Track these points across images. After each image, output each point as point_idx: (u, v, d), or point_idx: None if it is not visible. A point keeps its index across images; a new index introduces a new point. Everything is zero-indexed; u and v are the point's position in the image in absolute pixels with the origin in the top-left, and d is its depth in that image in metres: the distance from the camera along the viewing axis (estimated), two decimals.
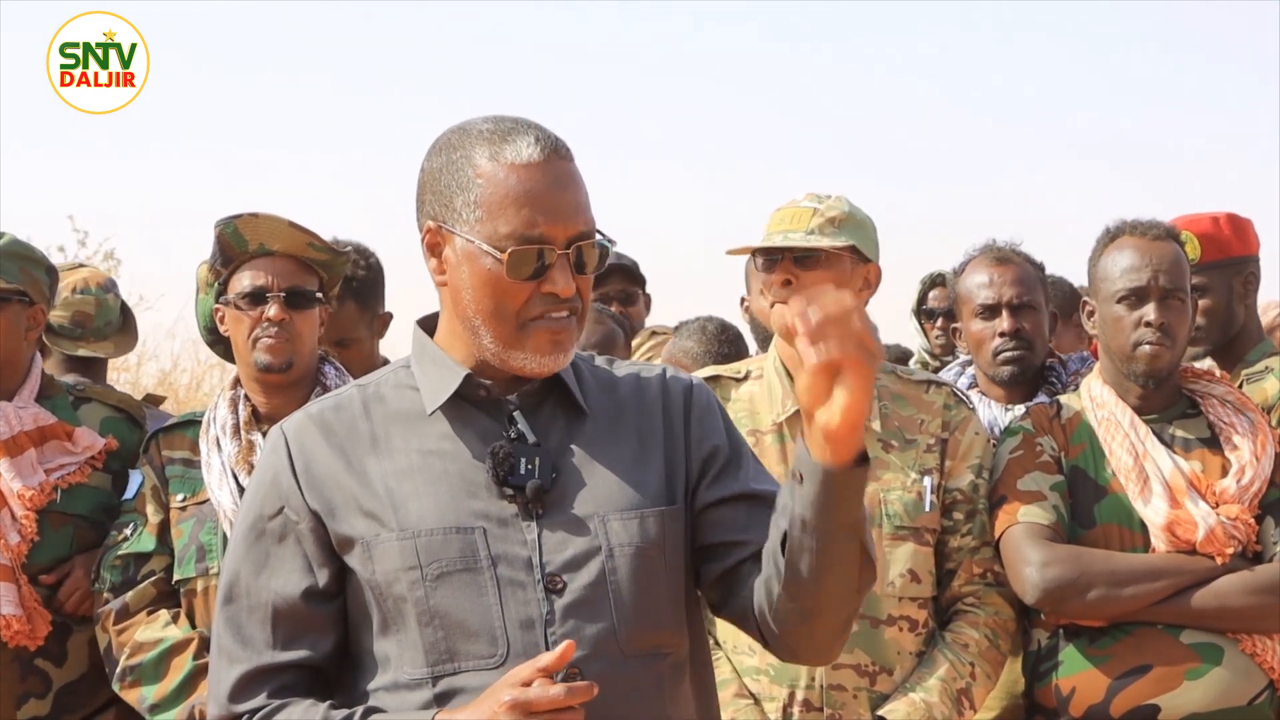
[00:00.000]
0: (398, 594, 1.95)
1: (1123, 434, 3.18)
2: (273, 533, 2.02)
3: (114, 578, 3.24)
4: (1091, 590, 3.04)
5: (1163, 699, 3.02)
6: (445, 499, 1.97)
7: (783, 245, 3.09)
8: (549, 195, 1.97)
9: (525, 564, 1.95)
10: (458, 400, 2.03)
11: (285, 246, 3.18)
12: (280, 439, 2.05)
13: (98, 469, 3.47)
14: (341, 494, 1.99)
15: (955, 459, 3.15)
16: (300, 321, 3.19)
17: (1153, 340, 3.15)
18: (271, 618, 2.01)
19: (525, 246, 1.95)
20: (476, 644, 1.93)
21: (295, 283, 3.18)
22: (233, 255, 3.20)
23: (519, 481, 1.97)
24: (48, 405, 3.49)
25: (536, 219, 1.96)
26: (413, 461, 2.00)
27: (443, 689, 1.93)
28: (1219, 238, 3.75)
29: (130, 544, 3.26)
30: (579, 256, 1.98)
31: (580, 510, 1.98)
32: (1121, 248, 3.22)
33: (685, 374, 2.18)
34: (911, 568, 3.07)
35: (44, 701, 3.36)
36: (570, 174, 2.00)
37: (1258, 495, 3.12)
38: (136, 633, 3.17)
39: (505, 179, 1.97)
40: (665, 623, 2.01)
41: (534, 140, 1.99)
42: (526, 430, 2.00)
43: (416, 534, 1.95)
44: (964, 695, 3.04)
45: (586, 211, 2.00)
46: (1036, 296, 3.78)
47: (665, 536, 2.01)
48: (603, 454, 2.03)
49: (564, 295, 1.96)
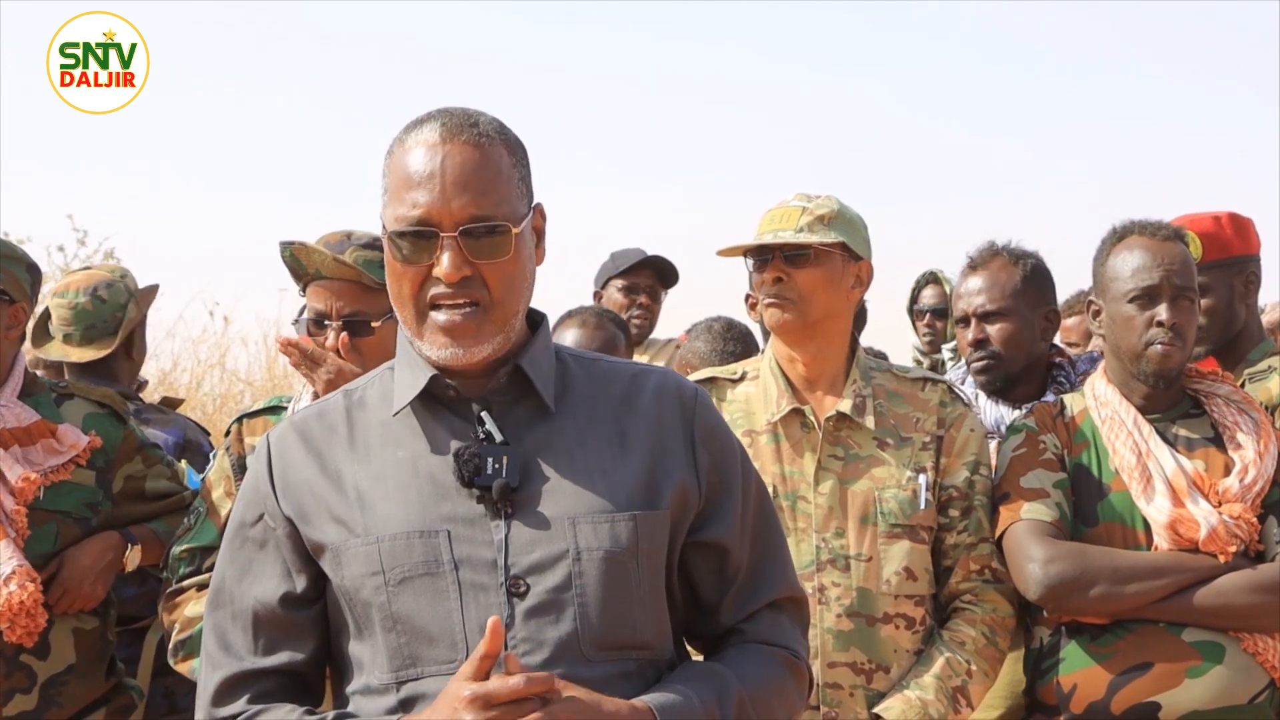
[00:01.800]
0: (364, 599, 1.95)
1: (1126, 432, 3.18)
2: (254, 539, 2.03)
3: (182, 569, 3.23)
4: (1094, 587, 3.04)
5: (1164, 696, 3.02)
6: (413, 503, 1.96)
7: (773, 243, 3.11)
8: (436, 177, 1.92)
9: (490, 566, 1.92)
10: (430, 401, 2.01)
11: (336, 275, 3.15)
12: (264, 446, 2.06)
13: (81, 466, 3.47)
14: (314, 500, 1.99)
15: (951, 456, 3.16)
16: (364, 346, 3.13)
17: (1164, 341, 3.15)
18: (253, 624, 2.02)
19: (407, 229, 1.93)
20: (438, 649, 1.92)
21: (355, 309, 3.14)
22: (299, 275, 3.20)
23: (485, 482, 1.94)
24: (30, 402, 3.48)
25: (419, 200, 1.92)
26: (386, 465, 1.99)
27: (406, 694, 1.93)
28: (1221, 237, 3.75)
29: (193, 536, 3.23)
30: (476, 243, 1.92)
31: (550, 511, 1.95)
32: (1131, 248, 3.21)
33: (689, 382, 2.15)
34: (907, 565, 3.07)
35: (30, 696, 3.35)
36: (471, 157, 1.94)
37: (1260, 494, 3.12)
38: (186, 608, 3.16)
39: (399, 162, 1.96)
40: (638, 626, 1.98)
41: (438, 125, 1.95)
42: (494, 430, 1.97)
43: (380, 539, 1.94)
44: (960, 693, 3.04)
45: (485, 195, 1.93)
46: (1009, 302, 3.74)
47: (640, 542, 1.97)
48: (579, 455, 1.99)
49: (446, 280, 1.92)
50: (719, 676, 2.00)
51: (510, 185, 1.96)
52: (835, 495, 3.08)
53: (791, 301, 3.12)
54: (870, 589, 3.04)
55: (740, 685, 2.00)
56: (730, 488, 2.08)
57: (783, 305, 3.12)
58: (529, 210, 2.00)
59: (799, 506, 3.08)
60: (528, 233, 1.99)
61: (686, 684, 1.96)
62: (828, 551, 3.05)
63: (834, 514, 3.07)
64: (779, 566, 2.13)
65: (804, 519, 3.07)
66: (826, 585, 3.03)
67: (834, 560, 3.05)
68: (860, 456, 3.12)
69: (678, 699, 1.92)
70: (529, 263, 2.00)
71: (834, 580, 3.04)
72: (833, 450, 3.12)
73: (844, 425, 3.14)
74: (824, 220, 3.13)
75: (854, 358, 3.22)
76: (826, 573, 3.04)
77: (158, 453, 3.73)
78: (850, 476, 3.10)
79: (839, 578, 3.04)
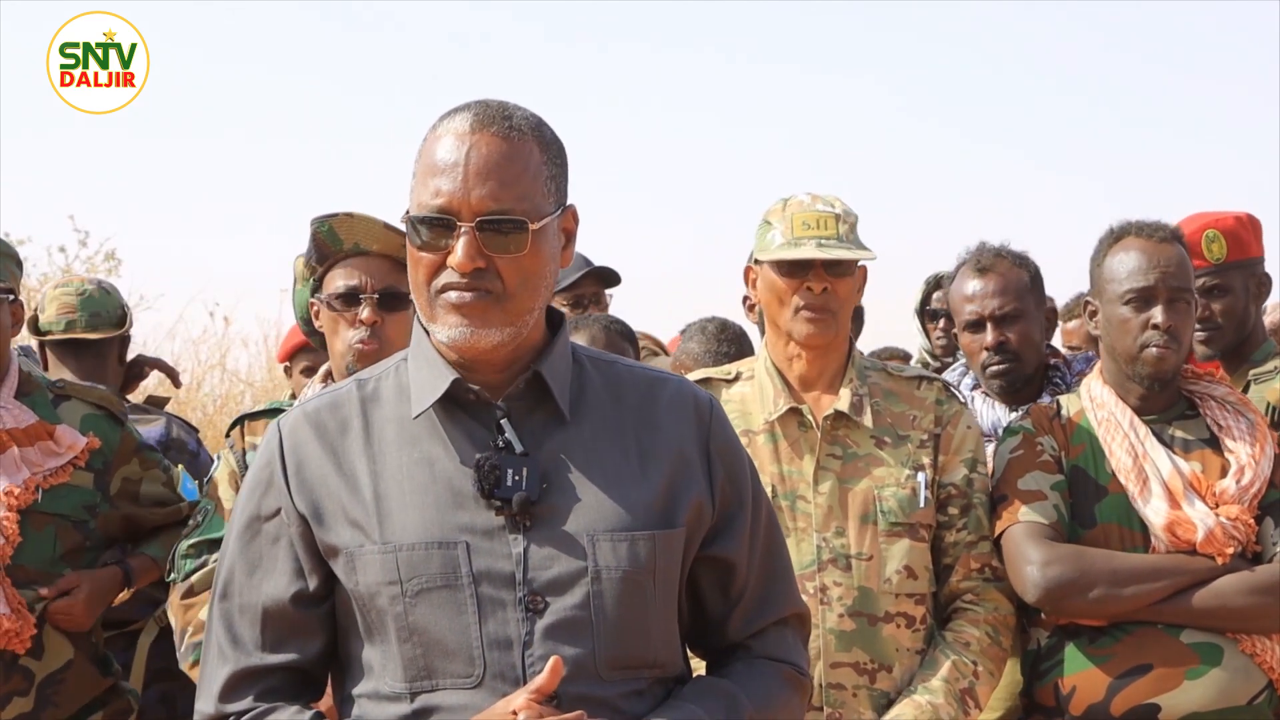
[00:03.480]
0: (379, 607, 1.94)
1: (1122, 434, 3.17)
2: (268, 534, 2.01)
3: (188, 565, 3.21)
4: (1092, 589, 3.03)
5: (1163, 698, 3.01)
6: (430, 510, 1.94)
7: (833, 257, 3.10)
8: (460, 167, 1.91)
9: (508, 580, 1.91)
10: (449, 403, 1.99)
11: (381, 247, 3.13)
12: (275, 437, 2.03)
13: (79, 467, 3.46)
14: (330, 500, 1.97)
15: (948, 453, 3.16)
16: (392, 324, 3.11)
17: (1159, 343, 3.14)
18: (261, 619, 2.01)
19: (426, 215, 1.92)
20: (454, 663, 1.91)
21: (389, 283, 3.11)
22: (328, 253, 3.16)
23: (505, 494, 1.93)
24: (27, 402, 3.47)
25: (441, 188, 1.91)
26: (403, 468, 1.97)
27: (420, 705, 1.92)
28: (1242, 237, 3.75)
29: (202, 530, 3.22)
30: (493, 235, 1.91)
31: (570, 526, 1.94)
32: (1127, 249, 3.20)
33: (704, 393, 2.13)
34: (908, 564, 3.07)
35: (27, 698, 3.35)
36: (498, 149, 1.92)
37: (1257, 496, 3.12)
38: (200, 611, 3.13)
39: (429, 148, 1.95)
40: (653, 645, 1.97)
41: (470, 115, 1.94)
42: (514, 439, 1.95)
43: (398, 548, 1.93)
44: (968, 694, 3.03)
45: (506, 189, 1.91)
46: (1022, 303, 3.75)
47: (657, 560, 1.96)
48: (598, 467, 1.98)
49: (458, 270, 1.90)
50: (729, 695, 1.99)
51: (536, 182, 1.94)
52: (835, 495, 3.08)
53: (833, 313, 3.12)
54: (872, 588, 3.04)
55: (749, 703, 2.00)
56: (742, 503, 2.07)
57: (825, 318, 3.11)
58: (557, 209, 1.98)
59: (798, 506, 3.08)
60: (551, 231, 1.97)
61: (698, 703, 1.96)
62: (829, 551, 3.05)
63: (834, 513, 3.07)
64: (786, 583, 2.13)
65: (803, 519, 3.07)
66: (828, 585, 3.03)
67: (835, 560, 3.05)
68: (859, 455, 3.12)
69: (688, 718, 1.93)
70: (550, 262, 1.97)
71: (835, 580, 3.04)
72: (831, 449, 3.12)
73: (842, 424, 3.14)
74: (854, 228, 3.15)
75: (850, 357, 3.22)
76: (828, 572, 3.04)
77: (155, 456, 3.73)
78: (849, 475, 3.10)
79: (840, 577, 3.04)
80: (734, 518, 2.05)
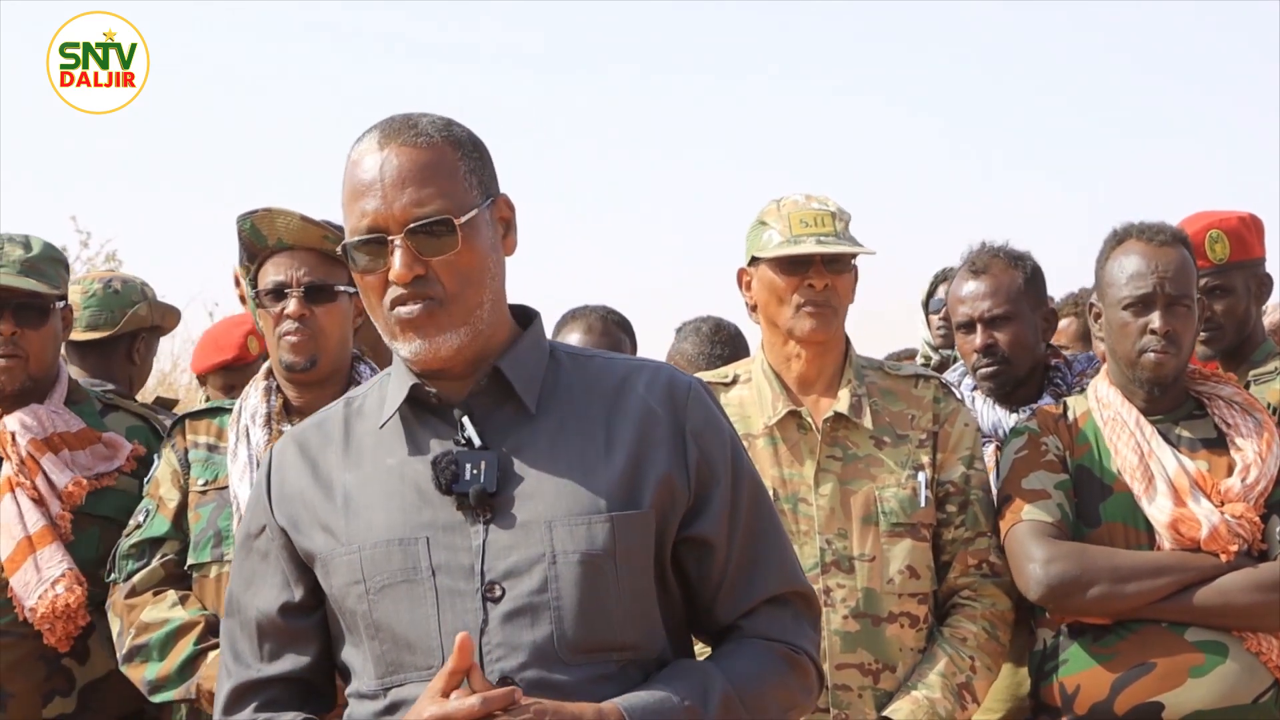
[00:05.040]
0: (349, 608, 1.98)
1: (1128, 433, 3.17)
2: (259, 550, 2.07)
3: (130, 565, 3.22)
4: (1094, 587, 3.03)
5: (1167, 697, 3.01)
6: (395, 511, 1.98)
7: (836, 251, 3.11)
8: (378, 183, 1.95)
9: (468, 572, 1.93)
10: (416, 408, 2.02)
11: (301, 240, 3.13)
12: (267, 458, 2.11)
13: (125, 474, 3.48)
14: (306, 509, 2.03)
15: (946, 451, 3.16)
16: (324, 316, 3.12)
17: (1157, 348, 3.14)
18: (257, 632, 2.07)
19: (359, 239, 1.96)
20: (417, 655, 1.93)
21: (316, 277, 3.12)
22: (255, 251, 3.17)
23: (463, 488, 1.95)
24: (76, 410, 3.50)
25: (366, 208, 1.95)
26: (375, 473, 2.01)
27: (391, 700, 1.95)
28: (1245, 237, 3.75)
29: (144, 530, 3.23)
30: (425, 239, 1.94)
31: (529, 515, 1.95)
32: (1128, 252, 3.20)
33: (685, 376, 2.13)
34: (910, 564, 3.08)
35: (69, 700, 3.36)
36: (410, 158, 1.96)
37: (1263, 494, 3.12)
38: (143, 613, 3.14)
39: (348, 176, 1.99)
40: (618, 627, 1.96)
41: (377, 133, 1.98)
42: (474, 435, 1.98)
43: (362, 548, 1.97)
44: (965, 689, 3.04)
45: (424, 192, 1.94)
46: (1014, 305, 3.69)
47: (617, 542, 1.96)
48: (563, 456, 1.99)
49: (398, 281, 1.94)
50: (703, 674, 1.99)
51: (454, 180, 1.97)
52: (836, 496, 3.09)
53: (834, 310, 3.13)
54: (875, 589, 3.05)
55: (728, 682, 1.99)
56: (719, 483, 2.05)
57: (826, 313, 3.12)
58: (485, 200, 2.00)
59: (800, 509, 3.08)
60: (483, 224, 1.99)
61: (667, 684, 1.95)
62: (831, 553, 3.05)
63: (836, 515, 3.08)
64: (775, 562, 2.10)
65: (805, 521, 3.07)
66: (832, 587, 3.03)
67: (838, 562, 3.05)
68: (859, 456, 3.12)
69: (651, 699, 1.92)
70: (489, 254, 2.00)
71: (839, 582, 3.04)
72: (831, 451, 3.12)
73: (841, 426, 3.14)
74: (848, 226, 3.17)
75: (848, 357, 3.22)
76: (831, 575, 3.04)
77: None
78: (850, 477, 3.11)
79: (844, 579, 3.04)
80: (710, 498, 2.04)
